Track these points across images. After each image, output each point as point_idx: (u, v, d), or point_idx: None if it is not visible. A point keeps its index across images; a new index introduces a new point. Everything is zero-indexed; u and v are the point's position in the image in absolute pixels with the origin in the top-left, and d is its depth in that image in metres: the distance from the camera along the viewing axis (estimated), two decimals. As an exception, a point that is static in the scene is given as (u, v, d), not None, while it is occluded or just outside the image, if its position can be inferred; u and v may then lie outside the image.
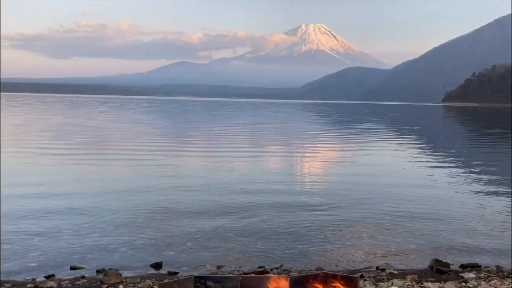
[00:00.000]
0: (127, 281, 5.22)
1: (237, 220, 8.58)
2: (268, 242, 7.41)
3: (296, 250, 7.08)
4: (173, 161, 16.31)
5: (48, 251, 6.64)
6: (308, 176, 14.83)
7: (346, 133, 34.31)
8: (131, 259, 6.50)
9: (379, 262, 6.44)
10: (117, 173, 13.87)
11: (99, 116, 52.25)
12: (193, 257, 6.66)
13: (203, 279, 2.92)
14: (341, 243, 7.44)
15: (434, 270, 5.92)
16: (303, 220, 8.68)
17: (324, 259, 6.78)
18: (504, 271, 5.84)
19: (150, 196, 10.41)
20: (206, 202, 9.97)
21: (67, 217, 8.48)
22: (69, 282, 5.28)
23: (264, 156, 19.44)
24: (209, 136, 27.98)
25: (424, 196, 11.16)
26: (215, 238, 7.52)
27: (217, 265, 6.27)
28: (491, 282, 5.16)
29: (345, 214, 9.22)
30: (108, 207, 9.37)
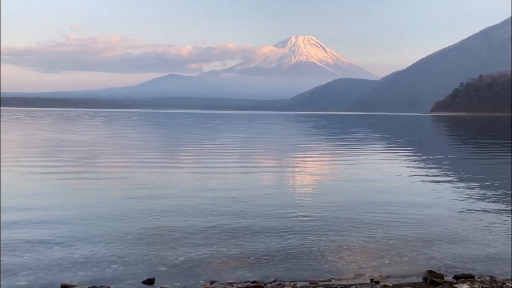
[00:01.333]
0: (119, 299, 5.14)
1: (230, 235, 8.53)
2: (261, 256, 7.36)
3: (290, 264, 7.05)
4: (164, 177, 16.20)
5: (37, 269, 6.53)
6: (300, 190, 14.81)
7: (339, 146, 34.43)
8: (123, 275, 6.41)
9: (373, 274, 6.42)
10: (107, 189, 13.74)
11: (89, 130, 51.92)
12: (186, 272, 6.59)
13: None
14: (335, 255, 7.42)
15: (428, 282, 5.91)
16: (296, 233, 8.65)
17: (318, 271, 6.75)
18: (498, 281, 5.85)
19: (141, 212, 10.32)
20: (197, 217, 9.90)
21: (56, 234, 8.36)
22: (60, 301, 5.18)
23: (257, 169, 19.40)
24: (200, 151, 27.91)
25: (416, 207, 11.19)
26: (208, 252, 7.46)
27: (210, 280, 6.20)
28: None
29: (338, 226, 9.21)
30: (98, 223, 9.26)
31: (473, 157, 26.43)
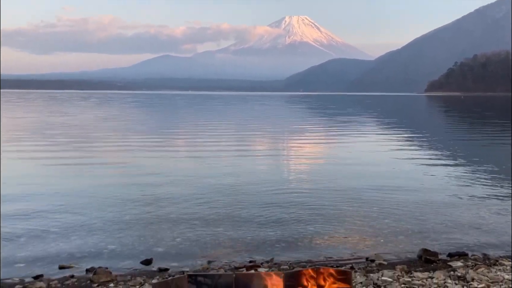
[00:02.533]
0: (117, 279, 5.18)
1: (226, 215, 8.57)
2: (257, 236, 7.42)
3: (286, 243, 7.10)
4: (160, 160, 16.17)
5: (35, 251, 6.56)
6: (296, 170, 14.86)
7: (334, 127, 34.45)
8: (121, 256, 6.45)
9: (369, 253, 6.49)
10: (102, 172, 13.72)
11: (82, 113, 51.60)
12: (183, 253, 6.63)
13: (196, 277, 2.90)
14: (331, 235, 7.48)
15: (422, 260, 5.99)
16: (292, 213, 8.71)
17: (314, 251, 6.81)
18: (491, 259, 5.94)
19: (136, 194, 10.32)
20: (194, 199, 9.93)
21: (53, 217, 8.37)
22: (58, 282, 5.21)
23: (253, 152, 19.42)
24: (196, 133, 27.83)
25: (411, 187, 11.27)
26: (204, 233, 7.50)
27: (207, 260, 6.25)
28: (479, 270, 5.24)
29: (334, 206, 9.27)
30: (94, 205, 9.27)
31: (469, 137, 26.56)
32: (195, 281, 2.91)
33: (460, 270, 5.27)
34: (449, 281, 4.85)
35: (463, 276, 4.99)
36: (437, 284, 4.75)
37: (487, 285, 4.67)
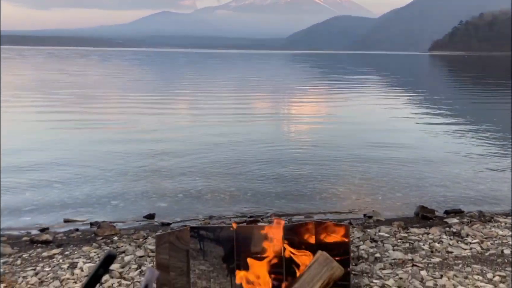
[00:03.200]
0: (121, 233, 5.32)
1: (227, 172, 8.68)
2: (258, 192, 7.54)
3: (286, 200, 7.23)
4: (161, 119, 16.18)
5: (40, 205, 6.69)
6: (296, 130, 14.90)
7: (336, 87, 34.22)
8: (124, 211, 6.58)
9: (367, 210, 6.62)
10: (105, 129, 13.77)
11: (82, 70, 51.16)
12: (185, 208, 6.77)
13: (198, 230, 2.99)
14: (329, 192, 7.60)
15: (419, 217, 6.12)
16: (292, 170, 8.81)
17: (313, 207, 6.95)
18: (486, 216, 6.06)
19: (138, 153, 10.41)
20: (195, 156, 10.02)
21: (56, 172, 8.49)
22: (63, 234, 5.35)
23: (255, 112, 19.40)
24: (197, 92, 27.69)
25: (411, 145, 11.35)
26: (205, 189, 7.63)
27: (209, 215, 6.39)
28: (474, 226, 5.36)
29: (333, 164, 9.36)
30: (97, 161, 9.37)
31: (470, 97, 26.44)
32: (197, 233, 2.99)
33: (455, 226, 5.39)
34: (445, 236, 4.98)
35: (458, 232, 5.11)
36: (432, 240, 4.87)
37: (481, 241, 4.79)
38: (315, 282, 2.20)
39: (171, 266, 2.79)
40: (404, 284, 3.71)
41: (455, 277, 3.86)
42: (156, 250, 2.80)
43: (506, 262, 4.21)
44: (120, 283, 3.76)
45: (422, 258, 4.32)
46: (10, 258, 4.34)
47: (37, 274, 3.92)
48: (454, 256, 4.41)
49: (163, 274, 2.74)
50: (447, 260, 4.28)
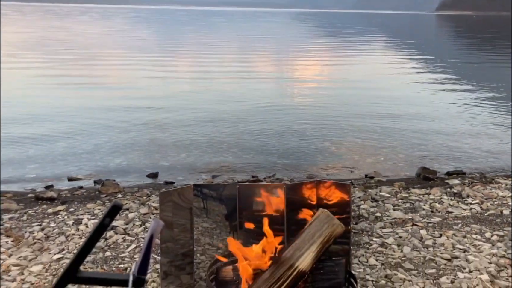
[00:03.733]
0: (125, 191, 5.38)
1: (230, 133, 8.68)
2: (260, 153, 7.57)
3: (288, 161, 7.26)
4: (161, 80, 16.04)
5: (44, 163, 6.75)
6: (300, 93, 14.78)
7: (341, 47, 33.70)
8: (127, 170, 6.63)
9: (368, 171, 6.66)
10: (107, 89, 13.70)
11: (83, 28, 50.37)
12: (188, 168, 6.81)
13: (201, 188, 3.02)
14: (331, 153, 7.63)
15: (421, 178, 6.15)
16: (294, 132, 8.80)
17: (315, 168, 6.99)
18: (487, 177, 6.09)
19: (141, 110, 10.39)
20: (197, 114, 10.00)
21: (58, 130, 8.50)
22: (68, 192, 5.42)
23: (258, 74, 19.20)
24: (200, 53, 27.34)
25: (415, 108, 11.28)
26: (208, 149, 7.65)
27: (212, 175, 6.44)
28: (474, 187, 5.40)
29: (336, 125, 9.35)
30: (99, 120, 9.37)
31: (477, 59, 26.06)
32: (200, 192, 3.02)
33: (456, 187, 5.42)
34: (445, 197, 5.02)
35: (459, 193, 5.15)
36: (433, 200, 4.92)
37: (481, 201, 4.84)
38: (315, 239, 2.24)
39: (174, 223, 2.84)
40: (404, 243, 3.77)
41: (454, 236, 3.92)
42: (160, 207, 2.84)
43: (504, 222, 4.27)
44: (125, 239, 3.84)
45: (422, 218, 4.37)
46: (16, 214, 4.42)
47: (43, 229, 4.00)
48: (454, 216, 4.46)
49: (167, 230, 2.79)
50: (446, 220, 4.33)
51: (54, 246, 3.67)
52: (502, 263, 3.40)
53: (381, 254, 3.59)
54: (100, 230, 0.79)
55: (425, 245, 3.74)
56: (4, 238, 3.81)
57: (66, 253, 3.57)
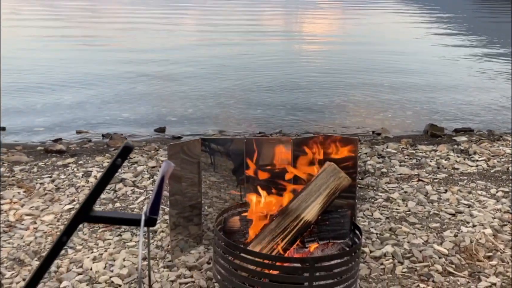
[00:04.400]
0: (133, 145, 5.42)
1: (236, 88, 8.63)
2: (267, 109, 7.54)
3: (295, 117, 7.24)
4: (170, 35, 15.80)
5: (52, 116, 6.78)
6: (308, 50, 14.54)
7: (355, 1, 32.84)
8: (134, 124, 6.66)
9: (375, 127, 6.63)
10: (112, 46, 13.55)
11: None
12: (195, 123, 6.82)
13: (209, 141, 3.03)
14: (339, 110, 7.59)
15: (428, 135, 6.13)
16: (302, 88, 8.74)
17: (322, 124, 6.97)
18: (495, 135, 6.07)
19: (148, 66, 10.31)
20: (204, 70, 9.93)
21: (66, 84, 8.50)
22: (76, 145, 5.48)
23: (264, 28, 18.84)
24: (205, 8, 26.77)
25: (425, 65, 11.11)
26: (215, 105, 7.64)
27: (219, 130, 6.46)
28: (482, 144, 5.38)
29: (344, 81, 9.26)
30: (105, 75, 9.33)
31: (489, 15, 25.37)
32: (208, 146, 3.04)
33: (463, 144, 5.41)
34: (452, 154, 5.02)
35: (466, 149, 5.15)
36: (439, 156, 4.92)
37: (487, 158, 4.84)
38: (321, 191, 2.26)
39: (182, 177, 2.87)
40: (409, 197, 3.81)
41: (459, 191, 3.95)
42: (168, 160, 2.85)
43: (510, 179, 4.28)
44: (134, 191, 3.91)
45: (428, 174, 4.39)
46: (27, 166, 4.49)
47: (53, 181, 4.07)
48: (460, 172, 4.47)
49: (176, 184, 2.83)
50: (452, 176, 4.35)
51: (64, 197, 3.75)
52: (506, 218, 3.44)
53: (386, 208, 3.64)
54: (112, 170, 0.80)
55: (430, 200, 3.78)
56: (16, 188, 3.89)
57: (76, 203, 3.64)
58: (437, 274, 2.69)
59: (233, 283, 2.11)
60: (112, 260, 2.82)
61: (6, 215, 3.40)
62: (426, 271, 2.72)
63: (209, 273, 2.64)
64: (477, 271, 2.74)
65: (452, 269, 2.75)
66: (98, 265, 2.74)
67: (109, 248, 2.96)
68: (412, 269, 2.75)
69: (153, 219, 0.78)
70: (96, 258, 2.84)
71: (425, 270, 2.73)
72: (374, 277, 2.67)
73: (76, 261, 2.80)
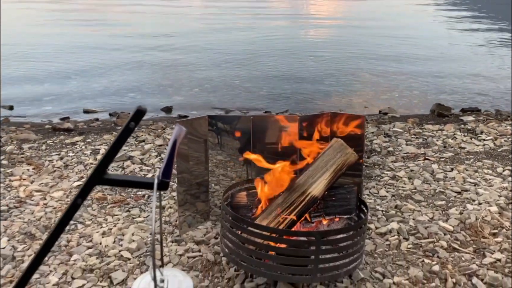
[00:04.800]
0: (140, 124, 5.45)
1: (242, 68, 8.61)
2: (273, 88, 7.53)
3: (301, 96, 7.24)
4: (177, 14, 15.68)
5: (59, 95, 6.82)
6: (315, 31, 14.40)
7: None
8: (141, 103, 6.67)
9: (382, 107, 6.61)
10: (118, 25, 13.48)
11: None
12: (202, 102, 6.84)
13: (216, 119, 3.04)
14: (346, 89, 7.57)
15: (435, 114, 6.11)
16: (309, 67, 8.70)
17: (329, 104, 6.96)
18: (503, 115, 6.03)
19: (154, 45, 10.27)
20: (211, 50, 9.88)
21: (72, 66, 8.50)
22: (84, 124, 5.51)
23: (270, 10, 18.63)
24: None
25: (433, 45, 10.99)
26: (221, 84, 7.63)
27: (225, 109, 6.47)
28: (489, 124, 5.36)
29: (350, 61, 9.19)
30: (112, 54, 9.32)
31: None
32: (215, 123, 3.05)
33: (470, 123, 5.39)
34: (459, 133, 5.00)
35: (473, 129, 5.13)
36: (446, 136, 4.91)
37: (494, 138, 4.82)
38: (328, 167, 2.28)
39: (190, 156, 2.89)
40: (415, 176, 3.82)
41: (465, 170, 3.95)
42: (175, 138, 2.87)
43: (517, 158, 4.27)
44: (141, 168, 3.95)
45: (435, 153, 4.39)
46: (35, 144, 4.53)
47: (62, 158, 4.11)
48: (467, 151, 4.47)
49: (183, 162, 2.85)
50: (459, 155, 4.35)
51: (73, 174, 3.79)
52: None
53: (392, 186, 3.65)
54: (125, 134, 0.82)
55: (436, 178, 3.79)
56: (25, 166, 3.93)
57: (85, 180, 3.68)
58: (442, 250, 2.72)
59: (240, 256, 2.15)
60: (121, 234, 2.86)
61: (17, 191, 3.45)
62: (431, 247, 2.74)
63: (216, 248, 2.68)
64: (482, 247, 2.76)
65: (457, 245, 2.78)
66: (107, 239, 2.79)
67: (118, 223, 3.00)
68: (417, 245, 2.78)
69: (165, 183, 0.79)
70: (105, 232, 2.88)
71: (430, 246, 2.76)
72: (379, 252, 2.70)
73: (85, 235, 2.85)
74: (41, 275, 2.44)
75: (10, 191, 3.46)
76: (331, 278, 2.17)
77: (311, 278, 2.09)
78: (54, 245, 2.70)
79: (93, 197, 3.36)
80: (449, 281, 2.42)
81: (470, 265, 2.58)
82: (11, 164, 3.97)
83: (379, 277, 2.45)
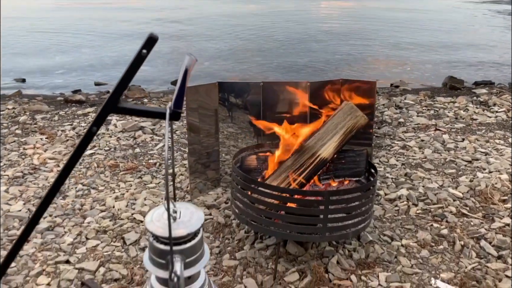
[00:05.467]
0: (150, 96, 5.47)
1: (252, 41, 8.55)
2: (284, 61, 7.49)
3: (312, 69, 7.19)
4: None
5: (70, 68, 6.86)
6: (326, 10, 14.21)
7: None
8: (151, 76, 6.69)
9: (394, 80, 6.56)
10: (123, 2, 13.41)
11: None
12: (212, 75, 6.83)
13: (226, 85, 3.05)
14: (356, 63, 7.50)
15: (448, 87, 6.04)
16: (321, 40, 8.62)
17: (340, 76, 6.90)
18: (517, 87, 5.95)
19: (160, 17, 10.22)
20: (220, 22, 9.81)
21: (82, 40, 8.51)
22: (95, 96, 5.55)
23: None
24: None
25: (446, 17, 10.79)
26: (232, 57, 7.60)
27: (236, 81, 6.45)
28: (502, 96, 5.29)
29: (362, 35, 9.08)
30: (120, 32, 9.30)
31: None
32: (225, 89, 3.05)
33: (483, 96, 5.33)
34: (471, 105, 4.96)
35: (486, 101, 5.07)
36: (458, 108, 4.87)
37: (507, 109, 4.77)
38: (338, 129, 2.28)
39: (200, 128, 2.91)
40: (425, 146, 3.81)
41: (477, 140, 3.93)
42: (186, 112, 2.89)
43: (530, 129, 4.24)
44: (153, 138, 3.99)
45: (446, 124, 4.36)
46: (48, 115, 4.58)
47: (74, 128, 4.16)
48: (478, 122, 4.43)
49: (194, 135, 2.86)
50: (470, 126, 4.32)
51: (86, 143, 3.84)
52: (523, 165, 3.43)
53: (402, 155, 3.65)
54: (138, 61, 0.83)
55: (447, 148, 3.77)
56: (38, 135, 3.99)
57: (97, 149, 3.73)
58: (451, 215, 2.73)
59: (250, 215, 2.18)
60: (133, 199, 2.91)
61: (31, 158, 3.51)
62: (440, 212, 2.75)
63: (227, 211, 2.72)
64: (491, 213, 2.76)
65: (466, 211, 2.78)
66: (120, 203, 2.84)
67: (130, 189, 3.05)
68: (426, 210, 2.79)
69: (177, 113, 0.81)
70: (118, 197, 2.94)
71: (439, 211, 2.77)
72: (388, 217, 2.72)
73: (99, 200, 2.91)
74: (56, 235, 2.51)
75: (24, 158, 3.52)
76: (339, 237, 2.20)
77: (320, 237, 2.12)
78: (69, 208, 2.76)
79: (105, 164, 3.41)
80: (457, 244, 2.44)
81: (478, 229, 2.59)
82: (25, 133, 4.03)
83: (387, 240, 2.48)
